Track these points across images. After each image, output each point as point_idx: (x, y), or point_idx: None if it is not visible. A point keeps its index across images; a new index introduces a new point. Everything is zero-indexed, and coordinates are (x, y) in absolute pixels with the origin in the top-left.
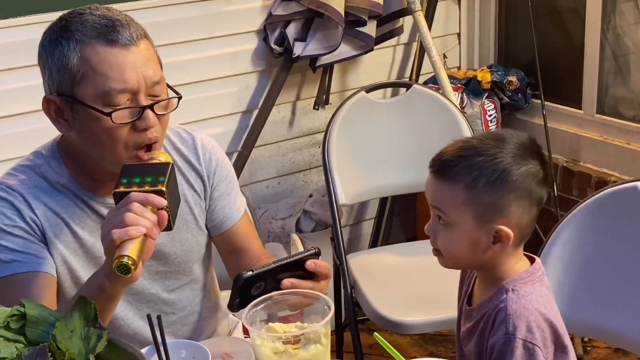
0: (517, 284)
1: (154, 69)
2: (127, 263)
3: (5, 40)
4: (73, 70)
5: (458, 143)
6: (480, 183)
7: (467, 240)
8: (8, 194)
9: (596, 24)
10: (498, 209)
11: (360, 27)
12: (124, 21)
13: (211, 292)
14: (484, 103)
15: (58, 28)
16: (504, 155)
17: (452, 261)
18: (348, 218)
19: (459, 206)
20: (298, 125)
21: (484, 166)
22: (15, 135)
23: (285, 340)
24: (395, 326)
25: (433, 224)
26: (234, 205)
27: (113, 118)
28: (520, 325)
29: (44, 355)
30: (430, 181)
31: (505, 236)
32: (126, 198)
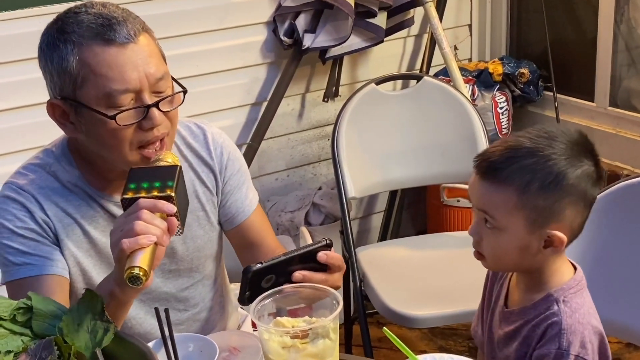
0: (566, 294)
1: (156, 64)
2: (139, 274)
3: (12, 32)
4: (73, 73)
5: (507, 142)
6: (533, 187)
7: (517, 245)
8: (19, 194)
9: (609, 15)
10: (552, 213)
11: (370, 18)
12: (120, 18)
13: (222, 287)
14: (495, 95)
15: (54, 30)
16: (558, 156)
17: (497, 265)
18: (357, 211)
19: (510, 210)
20: (307, 117)
21: (538, 169)
22: (24, 127)
23: (293, 334)
24: (405, 320)
25: (478, 227)
26: (246, 198)
27: (117, 120)
28: (574, 341)
29: (50, 349)
30: (476, 183)
31: (558, 241)
32: (135, 205)
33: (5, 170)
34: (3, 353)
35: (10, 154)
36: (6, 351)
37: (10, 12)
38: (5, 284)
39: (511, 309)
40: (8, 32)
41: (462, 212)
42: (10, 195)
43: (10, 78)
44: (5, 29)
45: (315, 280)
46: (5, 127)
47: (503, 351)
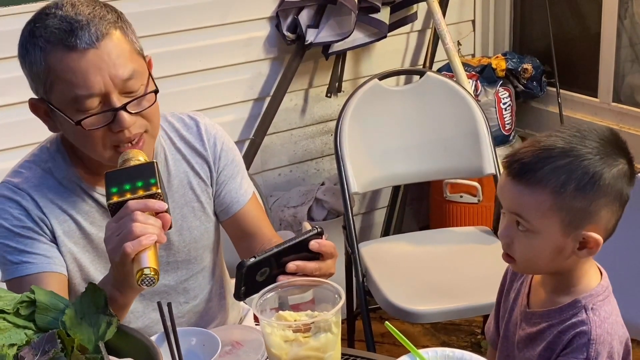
0: (595, 301)
1: (124, 64)
2: (150, 274)
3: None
4: (42, 77)
5: (539, 142)
6: (569, 188)
7: (551, 247)
8: (15, 193)
9: (613, 11)
10: (588, 214)
11: (373, 13)
12: (84, 21)
13: (221, 279)
14: (498, 91)
15: (27, 32)
16: (593, 156)
17: (529, 268)
18: (360, 206)
19: (545, 213)
20: (310, 112)
21: (573, 169)
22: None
23: (296, 328)
24: (407, 315)
25: (509, 230)
26: (241, 188)
27: (84, 125)
28: (602, 352)
29: (53, 342)
30: (507, 185)
31: (593, 242)
32: (125, 207)
33: (4, 167)
34: (7, 346)
35: (12, 149)
36: (10, 344)
37: (14, 7)
38: (5, 282)
39: (534, 310)
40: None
41: (464, 208)
42: (6, 194)
43: (11, 73)
44: (6, 24)
45: (308, 269)
46: (6, 122)
47: (524, 352)
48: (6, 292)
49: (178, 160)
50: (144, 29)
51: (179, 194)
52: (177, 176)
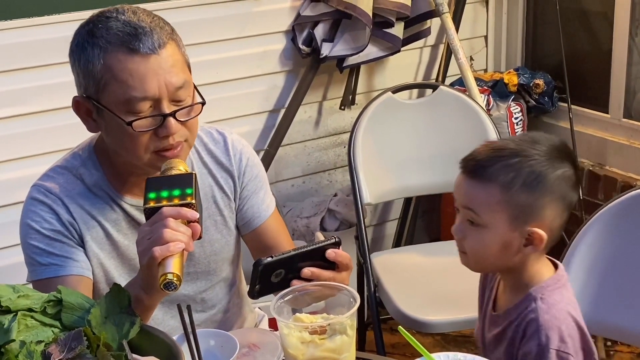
0: (544, 291)
1: (178, 74)
2: (173, 280)
3: (43, 37)
4: (97, 76)
5: (492, 144)
6: (517, 184)
7: (499, 242)
8: (47, 197)
9: (624, 27)
10: (533, 211)
11: (387, 28)
12: (147, 28)
13: (239, 289)
14: (510, 106)
15: (85, 32)
16: (540, 157)
17: (479, 264)
18: (372, 218)
19: (494, 207)
20: (324, 125)
21: (521, 167)
22: (54, 129)
23: (312, 330)
24: (418, 325)
25: (462, 225)
26: (263, 203)
27: (134, 127)
28: (553, 335)
29: (79, 339)
30: (462, 182)
31: (538, 238)
32: (159, 213)
33: (36, 171)
34: (34, 343)
35: (40, 155)
36: (37, 341)
37: (43, 18)
38: (31, 282)
39: (497, 313)
40: (44, 36)
41: None
42: (38, 197)
43: (41, 82)
44: (34, 34)
45: (323, 277)
46: (36, 129)
47: (494, 353)
48: (34, 291)
49: (204, 174)
50: None
51: (203, 207)
52: (202, 189)
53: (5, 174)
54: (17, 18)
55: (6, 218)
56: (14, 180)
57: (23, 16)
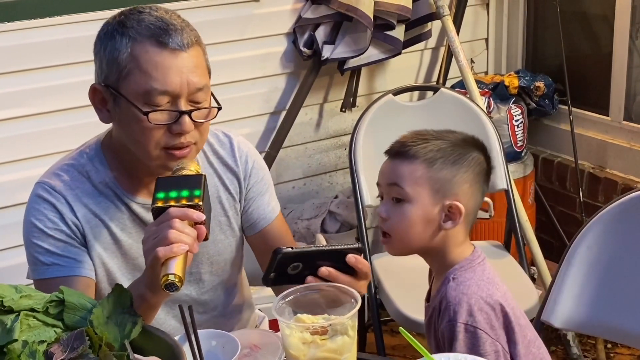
0: (457, 272)
1: (200, 76)
2: (174, 281)
3: (45, 39)
4: (121, 64)
5: (415, 131)
6: (439, 160)
7: (422, 216)
8: (51, 195)
9: (625, 30)
10: (452, 185)
11: (388, 30)
12: (178, 26)
13: (241, 291)
14: (510, 108)
15: (116, 22)
16: (458, 140)
17: (402, 243)
18: (372, 220)
19: (417, 180)
20: (325, 127)
21: (442, 148)
22: (56, 131)
23: (313, 331)
24: (419, 326)
25: (386, 206)
26: (269, 205)
27: (150, 118)
28: (460, 310)
29: (82, 339)
30: (387, 164)
31: (457, 211)
32: (166, 214)
33: (38, 173)
34: (37, 343)
35: (42, 156)
36: (39, 341)
37: (44, 20)
38: (33, 281)
39: (428, 303)
40: (38, 39)
41: (476, 223)
42: (42, 195)
43: (43, 83)
44: (36, 36)
45: (340, 280)
46: (37, 130)
47: (429, 342)
48: (36, 291)
49: (210, 174)
50: None
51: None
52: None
53: (7, 176)
54: (19, 20)
55: (8, 219)
56: (16, 182)
57: (25, 18)
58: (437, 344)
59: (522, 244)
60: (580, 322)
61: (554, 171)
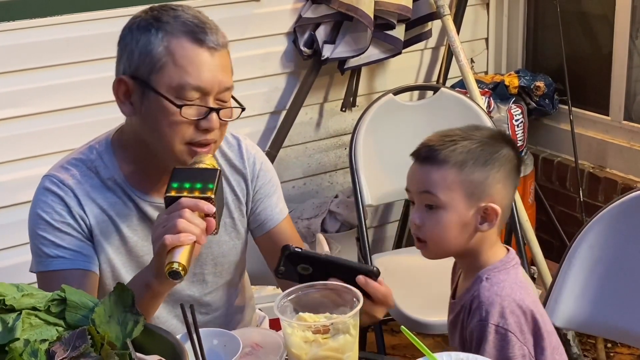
0: (490, 272)
1: (228, 76)
2: (178, 269)
3: (45, 38)
4: (155, 58)
5: (440, 132)
6: (469, 163)
7: (458, 221)
8: (59, 188)
9: (625, 30)
10: (486, 187)
11: (389, 30)
12: (212, 26)
13: (243, 293)
14: (511, 108)
15: (150, 16)
16: (487, 139)
17: (439, 248)
18: (372, 220)
19: (450, 186)
20: (325, 126)
21: (471, 149)
22: (56, 130)
23: (315, 329)
24: (419, 326)
25: (420, 212)
26: (276, 207)
27: (182, 111)
28: (492, 311)
29: (83, 338)
30: (416, 169)
31: (493, 213)
32: (177, 203)
33: (38, 172)
34: (38, 341)
35: (43, 156)
36: (41, 340)
37: (44, 19)
38: (36, 273)
39: (455, 300)
40: (38, 38)
41: None
42: (51, 188)
43: (44, 83)
44: (36, 36)
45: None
46: (38, 130)
47: (453, 341)
48: (38, 290)
49: None
50: None
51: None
52: None
53: (6, 175)
54: (18, 19)
55: (9, 218)
56: (17, 181)
57: (24, 17)
58: (462, 342)
59: (523, 244)
60: (580, 321)
61: (554, 171)
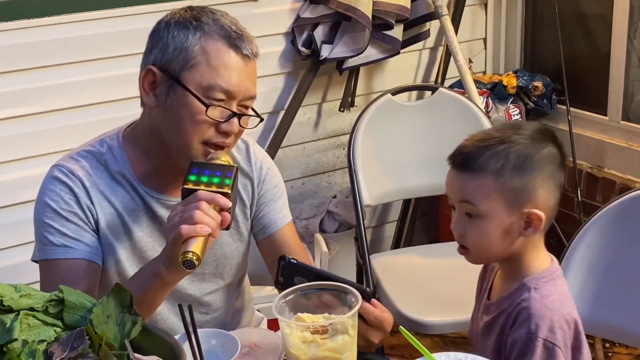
0: (538, 282)
1: (255, 85)
2: (192, 259)
3: (45, 38)
4: (190, 55)
5: (476, 136)
6: (507, 169)
7: (500, 229)
8: (69, 178)
9: (623, 30)
10: (527, 192)
11: (387, 30)
12: (249, 36)
13: (243, 294)
14: (509, 108)
15: (189, 15)
16: (524, 140)
17: (482, 255)
18: (371, 220)
19: (489, 194)
20: (323, 126)
21: (509, 153)
22: (55, 130)
23: (314, 330)
24: (418, 326)
25: (461, 221)
26: (280, 212)
27: (207, 111)
28: (542, 325)
29: (82, 339)
30: (453, 177)
31: (537, 218)
32: (194, 195)
33: (37, 172)
34: (36, 342)
35: (42, 156)
36: (39, 340)
37: (43, 19)
38: (39, 261)
39: (492, 301)
40: (38, 38)
41: None
42: (60, 177)
43: (43, 83)
44: (35, 35)
45: None
46: (37, 130)
47: (483, 341)
48: (36, 291)
49: None
50: None
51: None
52: None
53: (5, 175)
54: (17, 19)
55: (8, 219)
56: (15, 182)
57: (23, 17)
58: (497, 347)
59: None
60: None
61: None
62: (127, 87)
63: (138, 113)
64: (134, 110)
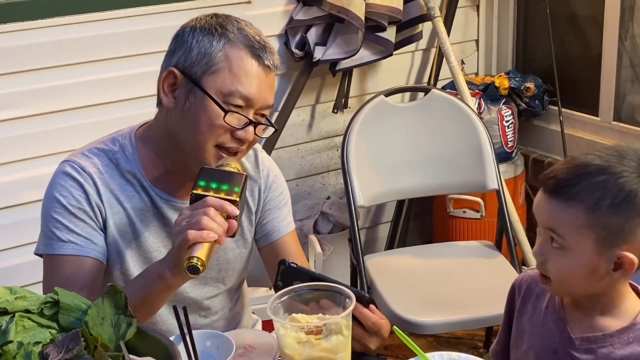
0: None
1: (272, 96)
2: (197, 264)
3: (43, 40)
4: (213, 60)
5: (575, 160)
6: (604, 205)
7: (584, 266)
8: (80, 174)
9: (614, 31)
10: (623, 233)
11: (380, 32)
12: (271, 48)
13: (242, 298)
14: (501, 109)
15: (215, 22)
16: (630, 174)
17: (563, 288)
18: (365, 221)
19: (579, 229)
20: (317, 128)
21: (609, 186)
22: (56, 132)
23: (308, 330)
24: (412, 326)
25: (544, 248)
26: (284, 219)
27: (226, 117)
28: None
29: (77, 340)
30: (543, 201)
31: (628, 263)
32: (203, 201)
33: (37, 173)
34: (32, 344)
35: (42, 157)
36: (35, 342)
37: (42, 21)
38: (44, 255)
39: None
40: (36, 40)
41: (467, 223)
42: (71, 173)
43: (44, 84)
44: (33, 37)
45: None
46: (37, 131)
47: None
48: (31, 293)
49: None
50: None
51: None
52: None
53: (5, 177)
54: (14, 22)
55: (7, 220)
56: (15, 183)
57: (19, 20)
58: None
59: (514, 244)
60: None
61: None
62: (123, 88)
63: (136, 114)
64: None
